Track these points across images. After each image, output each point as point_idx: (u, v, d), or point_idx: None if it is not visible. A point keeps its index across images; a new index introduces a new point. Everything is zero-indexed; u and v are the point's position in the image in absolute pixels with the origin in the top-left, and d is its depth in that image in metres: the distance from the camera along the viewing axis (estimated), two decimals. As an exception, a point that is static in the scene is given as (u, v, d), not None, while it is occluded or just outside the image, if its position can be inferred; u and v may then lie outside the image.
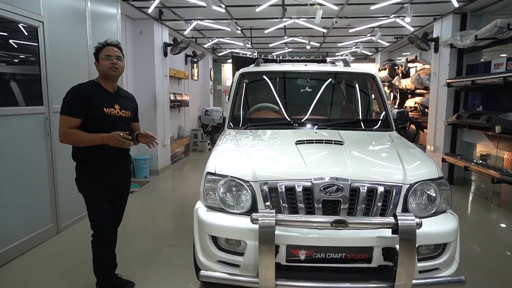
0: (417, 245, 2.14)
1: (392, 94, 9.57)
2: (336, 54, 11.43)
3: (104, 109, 2.48)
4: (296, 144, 2.71)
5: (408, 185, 2.29)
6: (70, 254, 3.45)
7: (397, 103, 9.01)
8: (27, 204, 3.52)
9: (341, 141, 2.76)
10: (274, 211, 2.08)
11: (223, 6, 5.77)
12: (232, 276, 2.20)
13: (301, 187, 2.23)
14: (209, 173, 2.48)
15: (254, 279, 2.11)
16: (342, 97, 3.80)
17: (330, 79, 3.80)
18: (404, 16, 5.75)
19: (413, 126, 8.30)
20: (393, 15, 6.32)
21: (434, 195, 2.35)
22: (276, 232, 2.11)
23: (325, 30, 7.51)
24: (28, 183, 3.54)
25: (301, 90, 3.81)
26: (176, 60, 8.76)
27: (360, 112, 3.67)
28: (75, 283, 2.92)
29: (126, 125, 2.63)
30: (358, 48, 9.54)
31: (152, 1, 5.33)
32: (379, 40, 8.00)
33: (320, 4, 5.36)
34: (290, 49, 10.51)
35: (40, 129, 3.69)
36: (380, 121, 3.47)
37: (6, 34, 3.44)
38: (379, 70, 10.47)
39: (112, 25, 5.12)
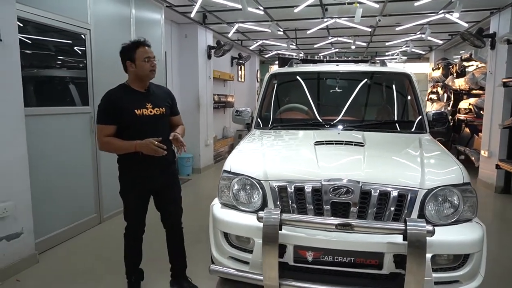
0: (432, 254, 2.04)
1: (445, 95, 8.96)
2: (386, 53, 10.98)
3: (136, 110, 2.43)
4: (315, 144, 2.68)
5: (426, 190, 2.17)
6: (109, 242, 3.74)
7: (450, 105, 8.42)
8: (73, 194, 3.88)
9: (362, 143, 2.68)
10: (279, 210, 2.09)
11: (262, 8, 5.85)
12: (239, 272, 2.25)
13: (311, 187, 2.22)
14: (225, 171, 2.56)
15: (259, 277, 2.14)
16: (374, 98, 3.67)
17: (361, 79, 3.69)
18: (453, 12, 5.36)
19: (467, 130, 7.71)
20: (441, 11, 5.93)
21: (456, 202, 2.20)
22: (283, 231, 2.14)
23: (370, 29, 7.27)
24: (75, 176, 3.91)
25: (331, 91, 3.75)
26: (221, 62, 9.02)
27: (392, 114, 3.51)
28: (111, 269, 3.17)
29: (162, 123, 2.57)
30: (408, 47, 9.07)
31: (194, 6, 5.56)
32: (429, 38, 7.56)
33: (360, 2, 5.21)
34: (337, 50, 10.30)
35: (86, 127, 4.04)
36: (411, 123, 3.30)
37: (61, 41, 3.83)
38: (433, 70, 9.87)
39: (156, 30, 5.43)
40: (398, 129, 3.23)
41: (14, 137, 3.04)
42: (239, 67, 10.65)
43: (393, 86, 3.66)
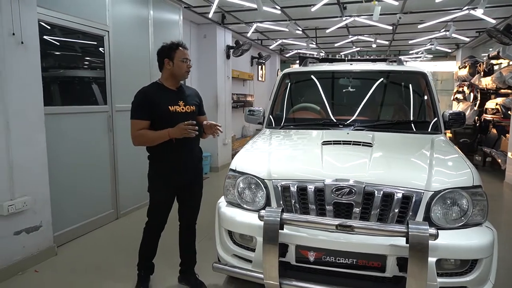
0: (437, 258, 1.99)
1: (472, 94, 8.62)
2: (410, 52, 10.68)
3: (169, 107, 2.53)
4: (323, 144, 2.66)
5: (432, 192, 2.11)
6: (125, 238, 3.85)
7: (477, 105, 8.09)
8: (91, 190, 4.03)
9: (370, 143, 2.63)
10: (280, 209, 2.09)
11: (278, 7, 5.84)
12: (241, 270, 2.28)
13: (313, 187, 2.20)
14: (230, 169, 2.59)
15: (260, 275, 2.15)
16: (387, 98, 3.59)
17: (374, 79, 3.62)
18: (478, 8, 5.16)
19: (494, 131, 7.40)
20: (466, 7, 5.71)
21: (465, 205, 2.13)
22: (285, 231, 2.15)
23: (391, 27, 7.10)
24: (93, 173, 4.05)
25: (343, 90, 3.70)
26: (240, 62, 9.07)
27: (405, 114, 3.43)
28: (125, 263, 3.25)
29: (192, 121, 2.57)
30: (432, 45, 8.78)
31: (211, 7, 5.62)
32: (454, 36, 7.29)
33: (378, 0, 5.11)
34: (358, 48, 10.13)
35: (104, 126, 4.18)
36: (425, 123, 3.21)
37: (81, 42, 3.98)
38: (459, 68, 9.53)
39: (174, 30, 5.53)
40: (411, 130, 3.15)
41: (34, 135, 3.18)
42: (259, 66, 10.67)
43: (408, 85, 3.57)
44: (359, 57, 11.09)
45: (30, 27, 3.11)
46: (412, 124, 3.23)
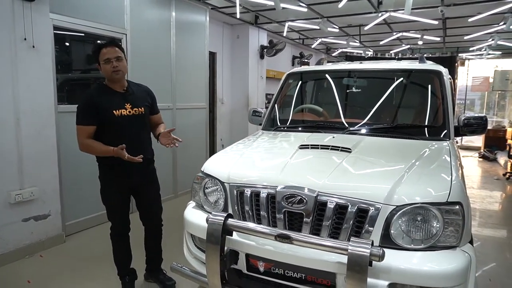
0: (390, 282, 1.77)
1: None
2: (470, 49, 9.62)
3: (114, 111, 2.45)
4: (299, 148, 2.50)
5: (394, 206, 1.86)
6: (136, 230, 3.94)
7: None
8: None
9: (349, 149, 2.41)
10: (225, 214, 2.01)
11: (304, 4, 5.64)
12: (193, 273, 2.24)
13: (266, 193, 2.08)
14: (200, 170, 2.56)
15: (205, 279, 2.10)
16: (390, 99, 3.23)
17: (381, 78, 3.33)
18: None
19: None
20: (520, -4, 4.99)
21: (434, 224, 1.84)
22: (234, 237, 2.07)
23: (436, 22, 6.47)
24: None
25: (347, 91, 3.44)
26: (279, 61, 8.96)
27: (409, 116, 3.09)
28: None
29: (141, 123, 2.61)
30: (493, 40, 7.83)
31: (240, 8, 5.62)
32: (514, 28, 6.40)
33: (411, -8, 4.69)
34: (408, 46, 9.40)
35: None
36: (430, 128, 2.85)
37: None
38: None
39: (199, 32, 5.62)
40: (411, 135, 2.80)
41: (44, 131, 3.45)
42: (301, 66, 10.45)
43: (418, 85, 3.23)
44: (411, 56, 10.33)
45: (43, 33, 3.38)
46: (414, 129, 2.90)
